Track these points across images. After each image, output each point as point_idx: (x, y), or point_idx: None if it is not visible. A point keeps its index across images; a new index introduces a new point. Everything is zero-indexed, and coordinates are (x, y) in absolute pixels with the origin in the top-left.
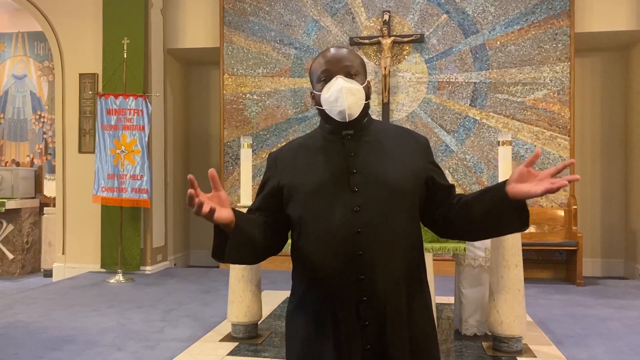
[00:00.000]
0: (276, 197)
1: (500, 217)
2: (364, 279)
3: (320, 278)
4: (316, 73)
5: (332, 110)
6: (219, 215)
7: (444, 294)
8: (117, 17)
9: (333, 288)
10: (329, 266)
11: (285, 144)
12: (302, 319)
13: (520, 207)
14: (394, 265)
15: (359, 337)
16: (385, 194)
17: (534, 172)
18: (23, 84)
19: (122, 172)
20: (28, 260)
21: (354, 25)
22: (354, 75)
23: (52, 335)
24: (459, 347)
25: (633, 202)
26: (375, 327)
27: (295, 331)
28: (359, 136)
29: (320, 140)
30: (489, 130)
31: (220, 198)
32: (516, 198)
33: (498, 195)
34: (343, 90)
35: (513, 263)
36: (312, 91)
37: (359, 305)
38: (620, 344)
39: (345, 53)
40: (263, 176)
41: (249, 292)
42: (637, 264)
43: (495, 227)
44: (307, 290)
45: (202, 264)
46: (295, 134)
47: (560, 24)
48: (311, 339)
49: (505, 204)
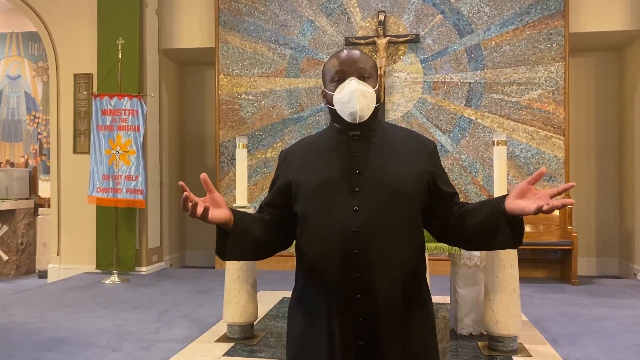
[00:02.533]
0: (285, 193)
1: (495, 230)
2: (359, 276)
3: (317, 274)
4: (329, 73)
5: (343, 110)
6: (213, 215)
7: (440, 294)
8: (112, 17)
9: (329, 284)
10: (326, 263)
11: (296, 142)
12: (300, 313)
13: (515, 223)
14: (390, 265)
15: (353, 333)
16: (385, 196)
17: (534, 190)
18: (17, 84)
19: (117, 172)
20: (23, 261)
21: (349, 25)
22: (367, 78)
23: (47, 337)
24: (455, 347)
25: (627, 202)
26: (368, 323)
27: (293, 326)
28: (366, 137)
29: (328, 140)
30: (484, 130)
31: (214, 200)
32: (513, 213)
33: (496, 208)
34: (356, 92)
35: (508, 262)
36: (324, 90)
37: (353, 302)
38: (615, 343)
39: (359, 55)
40: (275, 173)
41: (245, 292)
42: (631, 263)
43: (489, 240)
44: (306, 285)
45: (197, 265)
46: (290, 134)
47: (555, 24)
48: (307, 333)
49: (501, 218)
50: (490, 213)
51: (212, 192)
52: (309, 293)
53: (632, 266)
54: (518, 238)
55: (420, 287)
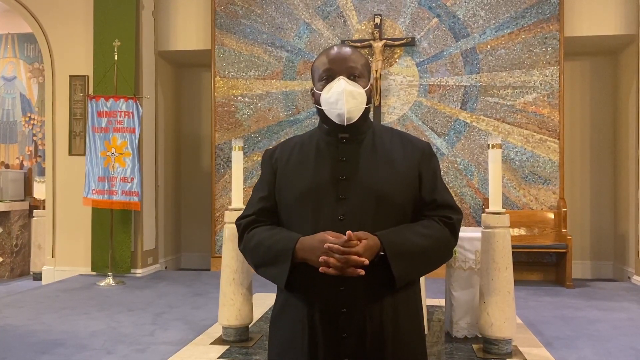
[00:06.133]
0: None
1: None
2: (344, 290)
3: (301, 287)
4: (318, 71)
5: (331, 111)
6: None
7: (435, 296)
8: (108, 19)
9: (313, 297)
10: (310, 276)
11: (283, 141)
12: (282, 326)
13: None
14: (377, 278)
15: (337, 349)
16: (372, 204)
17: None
18: (13, 85)
19: (112, 174)
20: (17, 263)
21: (345, 28)
22: (357, 77)
23: (41, 339)
24: (450, 350)
25: (622, 205)
26: (354, 338)
27: (275, 338)
28: (355, 140)
29: (316, 141)
30: (479, 133)
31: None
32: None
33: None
34: (344, 92)
35: (503, 265)
36: (313, 89)
37: (338, 316)
38: (610, 346)
39: (349, 52)
40: (261, 175)
41: (240, 295)
42: (625, 266)
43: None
44: (289, 298)
45: (192, 267)
46: (286, 136)
47: (550, 28)
48: (288, 348)
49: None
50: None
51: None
52: (292, 306)
53: (627, 269)
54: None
55: (409, 297)
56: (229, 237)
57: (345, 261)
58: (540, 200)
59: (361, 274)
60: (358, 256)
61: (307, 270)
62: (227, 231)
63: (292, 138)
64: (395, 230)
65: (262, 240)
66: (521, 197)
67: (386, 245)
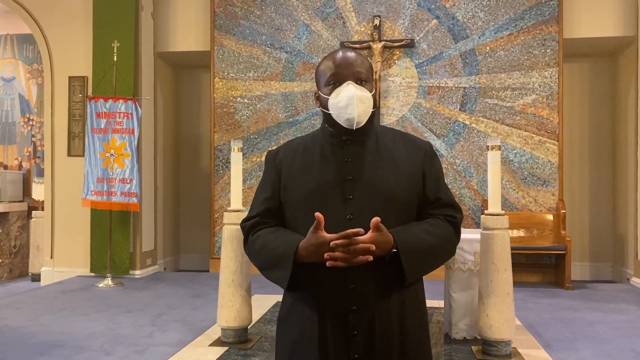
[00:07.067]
0: (280, 198)
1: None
2: (354, 288)
3: (310, 286)
4: (324, 75)
5: (340, 116)
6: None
7: (434, 298)
8: (107, 20)
9: (323, 296)
10: (319, 274)
11: (285, 142)
12: (292, 325)
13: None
14: (386, 276)
15: (347, 346)
16: (380, 203)
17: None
18: (12, 86)
19: (111, 175)
20: (16, 264)
21: (344, 29)
22: (364, 81)
23: (40, 340)
24: (449, 351)
25: (621, 206)
26: (363, 337)
27: (284, 338)
28: (359, 142)
29: (320, 143)
30: (478, 135)
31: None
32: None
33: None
34: (355, 98)
35: (502, 267)
36: (318, 92)
37: (348, 314)
38: (608, 348)
39: (355, 57)
40: (263, 176)
41: (239, 296)
42: (625, 267)
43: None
44: (298, 297)
45: (191, 268)
46: (286, 137)
47: (549, 29)
48: (298, 347)
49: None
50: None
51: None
52: (301, 304)
53: (626, 271)
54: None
55: (416, 295)
56: (228, 239)
57: (353, 251)
58: (539, 202)
59: (369, 259)
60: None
61: (316, 269)
62: (226, 232)
63: (294, 139)
64: (405, 228)
65: (265, 243)
66: (520, 199)
67: (399, 243)
